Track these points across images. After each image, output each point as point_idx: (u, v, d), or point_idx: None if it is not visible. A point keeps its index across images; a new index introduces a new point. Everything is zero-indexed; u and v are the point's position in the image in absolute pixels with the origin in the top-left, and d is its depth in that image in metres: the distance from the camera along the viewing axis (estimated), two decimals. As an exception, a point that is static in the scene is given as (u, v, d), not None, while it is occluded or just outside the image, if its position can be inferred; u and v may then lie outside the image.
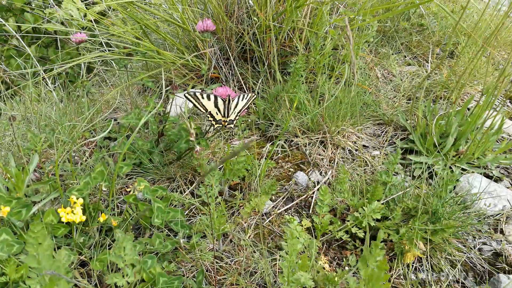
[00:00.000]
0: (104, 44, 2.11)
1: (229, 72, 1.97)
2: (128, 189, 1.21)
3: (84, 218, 1.12)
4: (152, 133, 1.64)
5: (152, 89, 2.08)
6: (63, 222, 1.11)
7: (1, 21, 2.18)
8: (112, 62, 2.16)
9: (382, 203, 1.25)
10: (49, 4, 3.22)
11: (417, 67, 2.05)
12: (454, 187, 1.42)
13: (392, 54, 1.87)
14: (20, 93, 2.03)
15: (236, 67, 1.89)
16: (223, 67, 1.97)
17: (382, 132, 1.71)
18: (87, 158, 1.74)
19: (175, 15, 1.91)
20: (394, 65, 1.88)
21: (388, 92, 1.81)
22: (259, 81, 1.84)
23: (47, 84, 2.17)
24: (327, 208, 1.23)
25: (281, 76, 1.73)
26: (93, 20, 2.27)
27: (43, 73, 1.79)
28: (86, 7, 3.13)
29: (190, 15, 1.79)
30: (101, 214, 1.28)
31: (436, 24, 2.09)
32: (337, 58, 1.86)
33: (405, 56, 2.09)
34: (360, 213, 1.21)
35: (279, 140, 1.63)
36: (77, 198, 1.15)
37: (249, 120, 1.77)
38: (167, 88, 1.89)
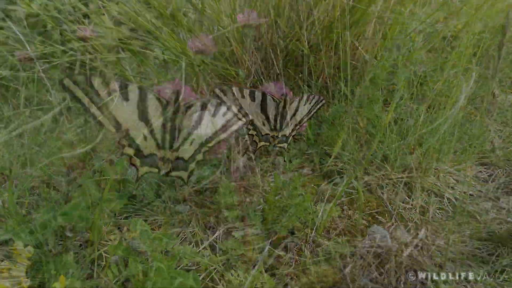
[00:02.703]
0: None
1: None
2: (111, 237, 0.75)
3: (27, 285, 0.65)
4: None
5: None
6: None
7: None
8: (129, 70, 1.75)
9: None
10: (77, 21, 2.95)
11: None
12: None
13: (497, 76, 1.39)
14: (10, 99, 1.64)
15: (281, 78, 1.44)
16: (263, 80, 1.52)
17: (489, 175, 1.19)
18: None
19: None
20: (496, 89, 1.39)
21: (493, 123, 1.32)
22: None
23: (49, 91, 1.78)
24: (442, 295, 0.71)
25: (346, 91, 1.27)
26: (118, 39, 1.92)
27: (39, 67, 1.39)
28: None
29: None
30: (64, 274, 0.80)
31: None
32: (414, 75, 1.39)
33: (500, 81, 1.60)
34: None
35: (338, 177, 1.14)
36: (26, 246, 0.69)
37: (297, 148, 1.30)
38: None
